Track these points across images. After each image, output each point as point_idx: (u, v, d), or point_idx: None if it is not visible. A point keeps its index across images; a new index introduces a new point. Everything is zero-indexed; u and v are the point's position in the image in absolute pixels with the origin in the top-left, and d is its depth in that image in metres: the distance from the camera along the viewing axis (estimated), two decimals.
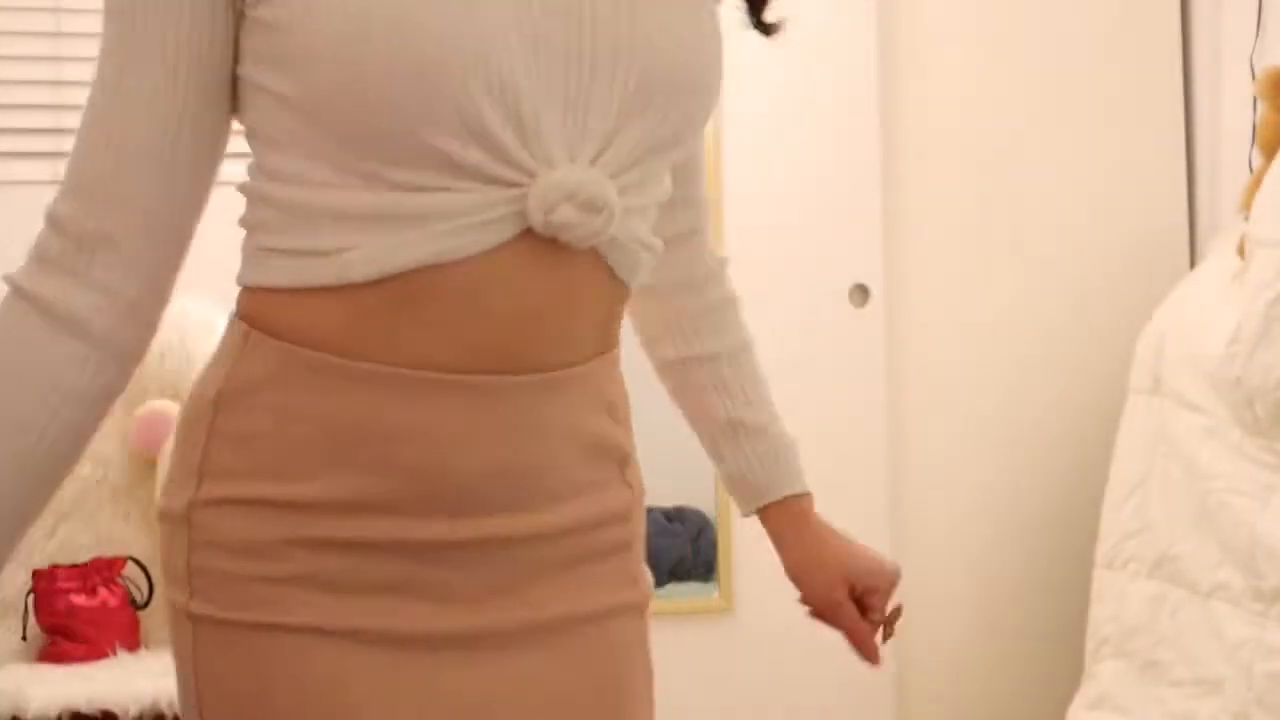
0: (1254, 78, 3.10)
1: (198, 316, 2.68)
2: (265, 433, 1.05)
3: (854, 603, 1.52)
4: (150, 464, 2.54)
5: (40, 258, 1.10)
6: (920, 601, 3.45)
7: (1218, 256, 3.04)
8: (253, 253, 1.16)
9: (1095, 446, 3.26)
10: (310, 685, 1.02)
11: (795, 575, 1.53)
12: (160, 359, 2.61)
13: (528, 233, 1.00)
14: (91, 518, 2.53)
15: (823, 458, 3.40)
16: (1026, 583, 3.45)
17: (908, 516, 3.43)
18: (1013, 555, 3.46)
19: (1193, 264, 3.44)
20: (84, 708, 2.11)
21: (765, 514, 1.50)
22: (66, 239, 1.09)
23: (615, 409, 1.16)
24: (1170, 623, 2.80)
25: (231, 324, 1.13)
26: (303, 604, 1.02)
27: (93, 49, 3.29)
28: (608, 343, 1.12)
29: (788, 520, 1.53)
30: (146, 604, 2.47)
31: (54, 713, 2.09)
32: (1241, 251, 2.79)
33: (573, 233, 1.01)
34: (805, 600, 1.53)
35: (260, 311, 1.09)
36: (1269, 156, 2.84)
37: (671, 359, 1.44)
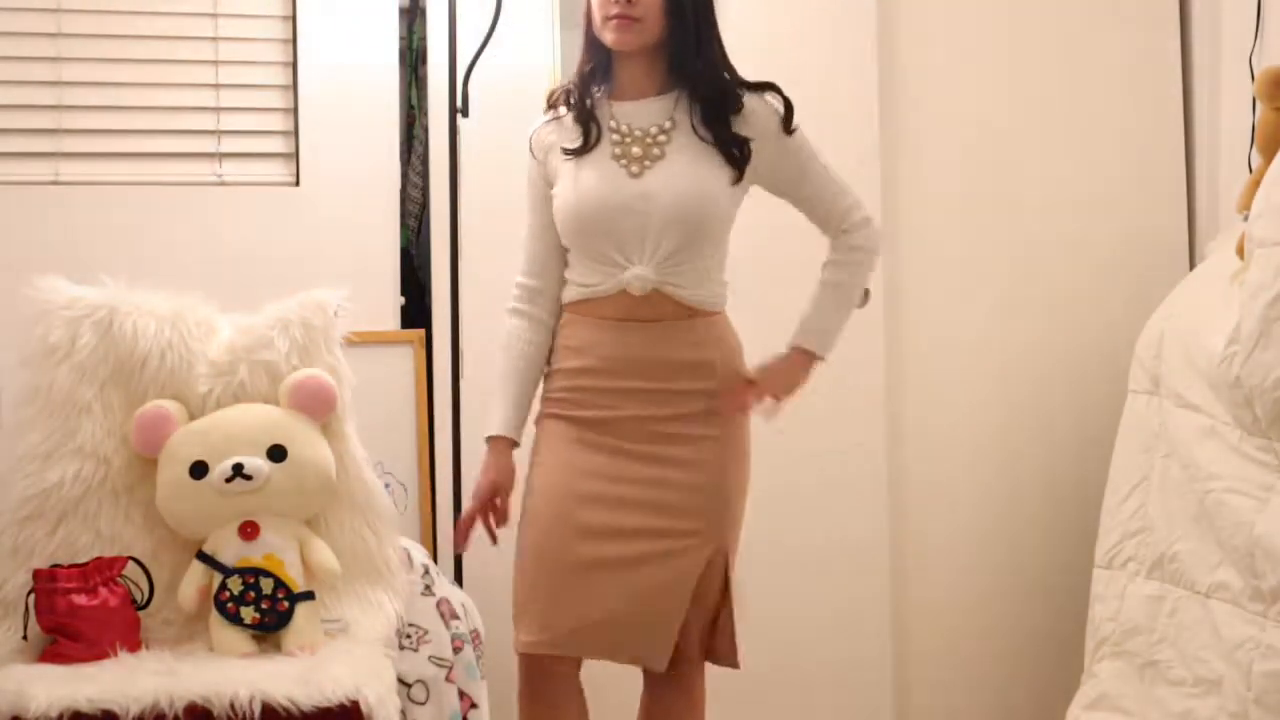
0: (1253, 78, 3.10)
1: (198, 316, 2.68)
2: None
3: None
4: (151, 464, 2.55)
5: (517, 299, 2.53)
6: (920, 601, 3.46)
7: (1217, 256, 3.04)
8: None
9: (1095, 446, 3.26)
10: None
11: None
12: (160, 359, 2.61)
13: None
14: (92, 518, 2.52)
15: (823, 457, 3.43)
16: (1026, 582, 3.46)
17: (908, 516, 3.43)
18: (1013, 555, 3.46)
19: (1192, 264, 3.45)
20: (84, 708, 2.11)
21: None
22: (522, 290, 2.52)
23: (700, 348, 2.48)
24: (1169, 622, 2.81)
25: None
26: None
27: (93, 49, 3.31)
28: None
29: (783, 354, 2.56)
30: (147, 604, 2.47)
31: (55, 713, 2.09)
32: (1241, 251, 2.79)
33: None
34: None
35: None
36: (1268, 156, 2.84)
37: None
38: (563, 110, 2.49)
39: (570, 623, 2.36)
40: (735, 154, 2.42)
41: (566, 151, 2.44)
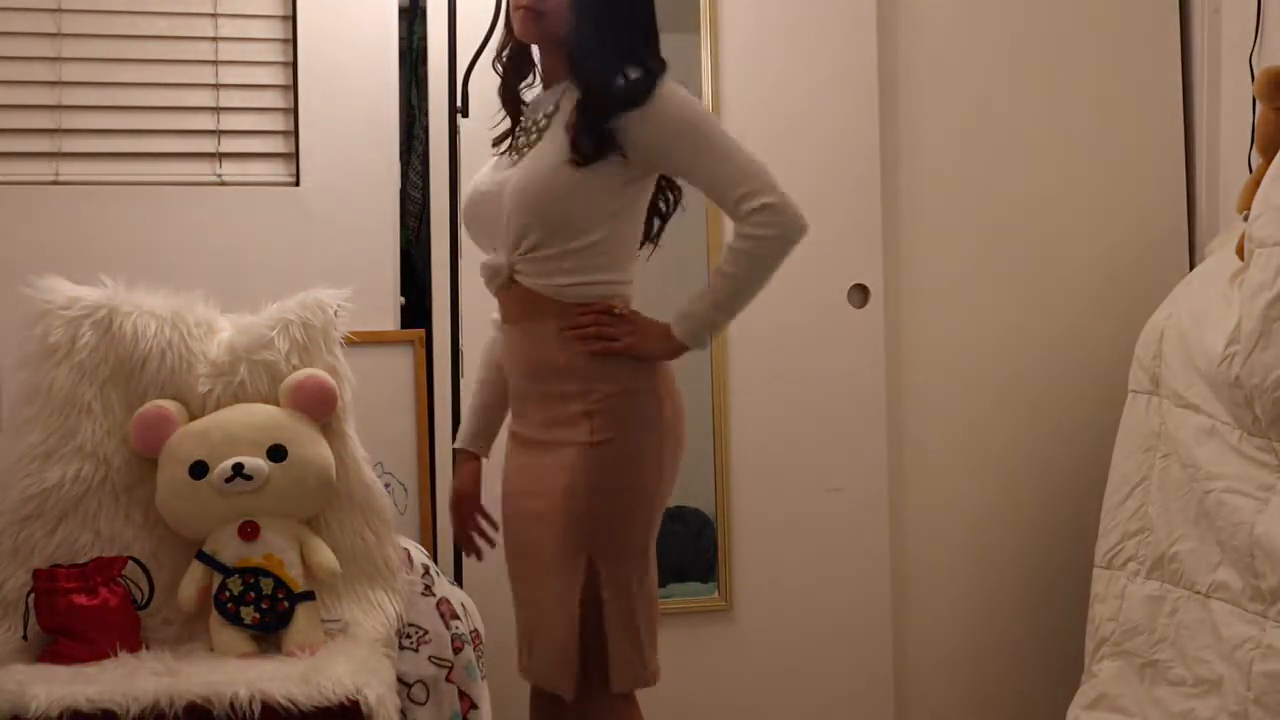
0: (1253, 78, 3.10)
1: (198, 316, 2.68)
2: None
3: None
4: (151, 464, 2.54)
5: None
6: (920, 601, 3.46)
7: (1217, 256, 3.04)
8: None
9: (1095, 446, 3.26)
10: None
11: None
12: (160, 359, 2.61)
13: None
14: (92, 518, 2.52)
15: (823, 457, 3.43)
16: (1026, 582, 3.45)
17: (907, 516, 3.43)
18: (1013, 555, 3.46)
19: (1192, 264, 3.45)
20: (84, 708, 2.10)
21: None
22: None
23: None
24: (1169, 622, 2.81)
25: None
26: None
27: (93, 49, 3.31)
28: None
29: None
30: (147, 604, 2.47)
31: (55, 713, 2.08)
32: (1241, 251, 2.79)
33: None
34: None
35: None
36: (1268, 157, 2.84)
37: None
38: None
39: (522, 643, 2.39)
40: (584, 146, 2.22)
41: (494, 143, 2.45)
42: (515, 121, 2.43)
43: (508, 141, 2.42)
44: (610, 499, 2.27)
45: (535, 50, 2.43)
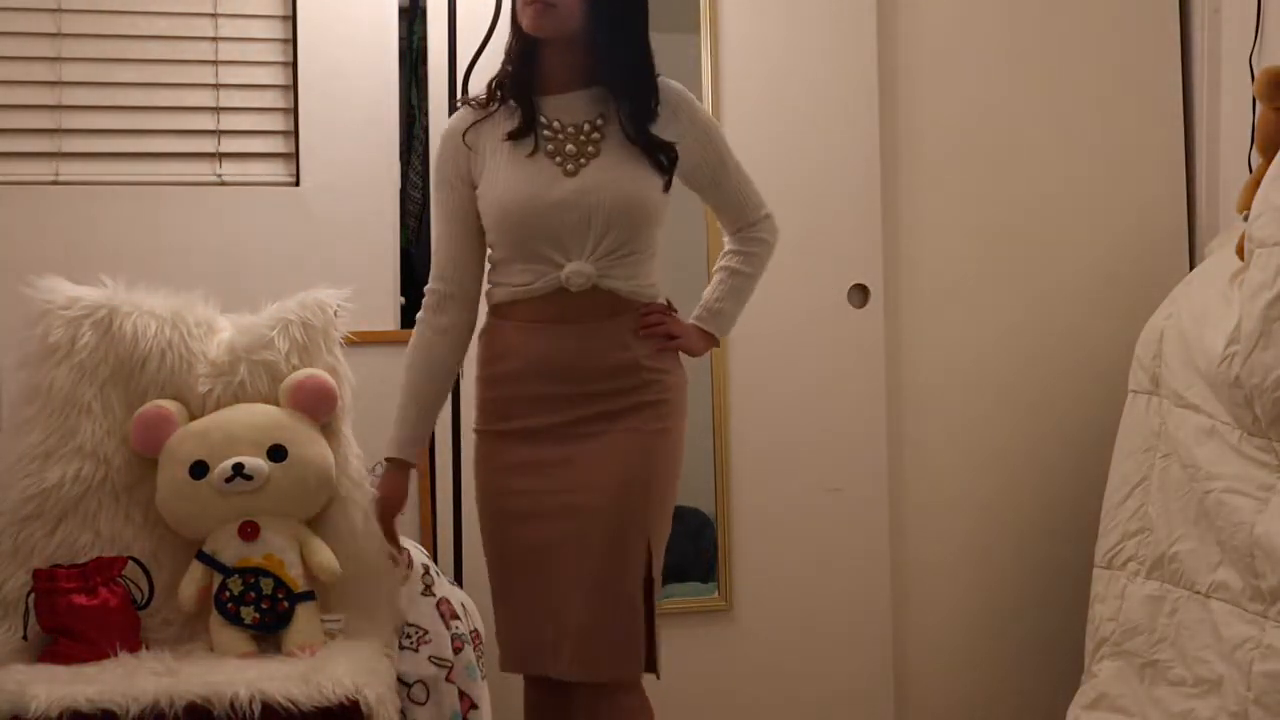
0: (1253, 78, 3.10)
1: (198, 316, 2.68)
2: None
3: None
4: (151, 464, 2.54)
5: (426, 305, 2.45)
6: (920, 600, 3.46)
7: (1217, 256, 3.04)
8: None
9: (1095, 446, 3.26)
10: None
11: None
12: (160, 359, 2.61)
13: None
14: (92, 518, 2.52)
15: (823, 457, 3.42)
16: (1026, 582, 3.45)
17: (907, 515, 3.43)
18: (1013, 555, 3.46)
19: (1192, 264, 3.45)
20: (84, 708, 2.10)
21: None
22: (433, 296, 2.44)
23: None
24: (1169, 622, 2.81)
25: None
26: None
27: (93, 49, 3.30)
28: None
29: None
30: (147, 604, 2.47)
31: (55, 713, 2.08)
32: (1241, 251, 2.79)
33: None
34: None
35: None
36: (1268, 157, 2.84)
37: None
38: (493, 106, 2.40)
39: (526, 634, 2.35)
40: (663, 162, 2.36)
41: (510, 141, 2.35)
42: (531, 121, 2.35)
43: (531, 142, 2.35)
44: (668, 484, 2.37)
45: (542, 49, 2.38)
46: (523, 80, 2.38)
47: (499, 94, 2.40)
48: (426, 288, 2.44)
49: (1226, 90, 3.40)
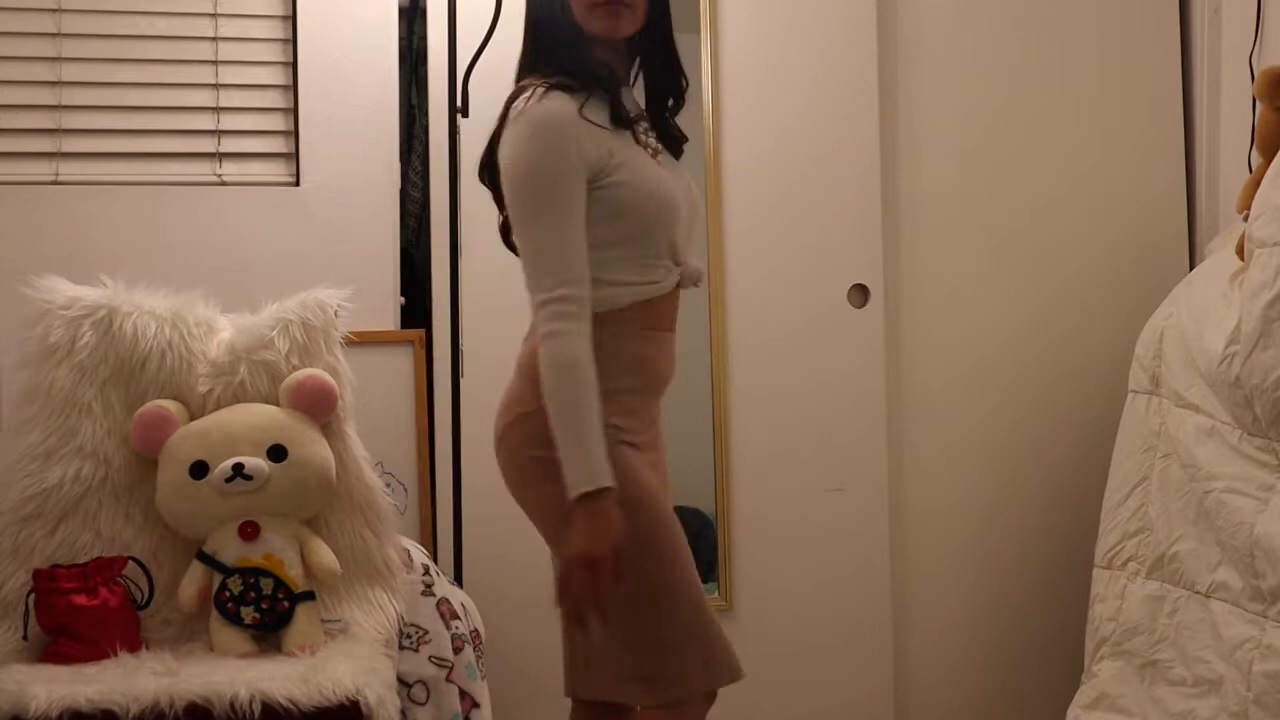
0: (1253, 78, 3.10)
1: (198, 316, 2.68)
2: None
3: None
4: (151, 464, 2.54)
5: (567, 314, 2.05)
6: (920, 600, 3.45)
7: (1217, 256, 3.04)
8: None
9: (1095, 446, 3.26)
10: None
11: None
12: (160, 359, 2.61)
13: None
14: (92, 518, 2.52)
15: (823, 457, 3.42)
16: (1026, 582, 3.45)
17: (907, 516, 3.43)
18: (1013, 555, 3.46)
19: (1192, 265, 3.45)
20: (84, 708, 2.10)
21: None
22: (572, 304, 2.05)
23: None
24: (1169, 622, 2.81)
25: None
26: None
27: (93, 49, 3.29)
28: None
29: None
30: (147, 604, 2.47)
31: (55, 713, 2.09)
32: (1241, 251, 2.79)
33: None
34: None
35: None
36: (1268, 157, 2.84)
37: None
38: (583, 94, 2.12)
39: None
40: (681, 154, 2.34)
41: (613, 129, 2.14)
42: (618, 108, 2.18)
43: (642, 131, 2.22)
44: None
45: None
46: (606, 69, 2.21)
47: (588, 82, 2.14)
48: (558, 293, 2.03)
49: (1226, 90, 3.40)
